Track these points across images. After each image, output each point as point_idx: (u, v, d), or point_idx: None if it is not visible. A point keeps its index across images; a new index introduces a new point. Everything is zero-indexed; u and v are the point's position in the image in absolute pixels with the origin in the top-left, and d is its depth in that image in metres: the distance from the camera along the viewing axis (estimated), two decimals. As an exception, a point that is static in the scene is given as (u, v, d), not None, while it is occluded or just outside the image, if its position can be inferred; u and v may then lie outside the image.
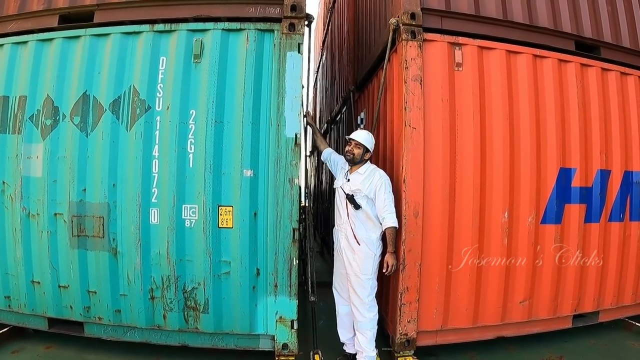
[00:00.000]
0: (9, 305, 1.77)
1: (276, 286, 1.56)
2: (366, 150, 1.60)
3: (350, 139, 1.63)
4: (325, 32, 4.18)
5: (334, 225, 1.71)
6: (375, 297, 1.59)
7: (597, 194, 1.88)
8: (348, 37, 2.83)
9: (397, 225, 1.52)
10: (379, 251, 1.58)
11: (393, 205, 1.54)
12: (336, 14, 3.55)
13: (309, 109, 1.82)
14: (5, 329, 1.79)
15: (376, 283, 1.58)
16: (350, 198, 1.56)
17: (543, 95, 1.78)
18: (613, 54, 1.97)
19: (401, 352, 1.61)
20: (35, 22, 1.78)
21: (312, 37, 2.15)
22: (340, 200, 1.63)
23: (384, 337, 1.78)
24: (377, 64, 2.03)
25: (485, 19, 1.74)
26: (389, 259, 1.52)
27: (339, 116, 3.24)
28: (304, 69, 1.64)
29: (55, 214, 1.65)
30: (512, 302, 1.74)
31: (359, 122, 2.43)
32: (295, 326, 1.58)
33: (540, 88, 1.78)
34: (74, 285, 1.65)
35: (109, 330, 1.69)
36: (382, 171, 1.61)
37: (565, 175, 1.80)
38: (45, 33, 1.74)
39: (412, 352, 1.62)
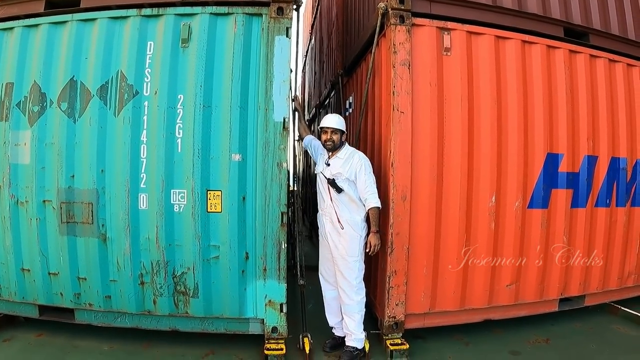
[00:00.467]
0: (-1, 294, 1.77)
1: (265, 270, 1.58)
2: (342, 132, 1.63)
3: (323, 128, 1.63)
4: (314, 15, 4.12)
5: (317, 211, 1.72)
6: (364, 280, 1.60)
7: (584, 179, 1.91)
8: (337, 20, 2.82)
9: (379, 205, 1.54)
10: (364, 232, 1.59)
11: (374, 185, 1.56)
12: None
13: (297, 93, 1.80)
14: (-5, 318, 1.80)
15: (363, 265, 1.60)
16: (332, 182, 1.57)
17: (531, 81, 1.80)
18: (602, 41, 1.98)
19: (389, 335, 1.63)
20: (22, 7, 1.76)
21: (301, 20, 2.14)
22: (322, 185, 1.64)
23: (372, 320, 1.80)
24: (365, 48, 2.02)
25: (475, 4, 1.74)
26: (372, 238, 1.53)
27: (328, 100, 3.23)
28: (293, 53, 1.65)
29: (44, 201, 1.65)
30: (499, 285, 1.76)
31: (347, 106, 2.43)
32: (285, 310, 1.60)
33: (528, 74, 1.79)
34: (64, 272, 1.65)
35: (99, 317, 1.70)
36: (361, 153, 1.63)
37: (552, 160, 1.83)
38: (31, 19, 1.71)
39: (400, 334, 1.65)
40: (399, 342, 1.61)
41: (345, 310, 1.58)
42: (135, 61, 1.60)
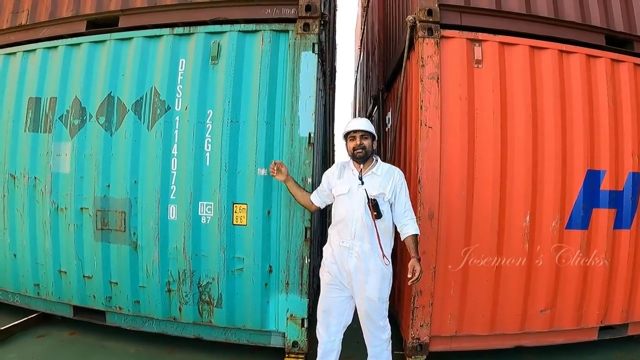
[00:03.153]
0: (38, 293, 1.89)
1: (287, 284, 1.58)
2: (373, 137, 1.36)
3: (352, 131, 1.34)
4: (362, 31, 4.20)
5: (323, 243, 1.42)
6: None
7: (629, 198, 1.76)
8: (379, 35, 2.82)
9: (419, 233, 1.32)
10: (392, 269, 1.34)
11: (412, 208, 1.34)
12: (370, 13, 3.55)
13: (275, 160, 1.43)
14: (34, 315, 1.92)
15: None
16: (375, 204, 1.26)
17: (570, 92, 1.69)
18: (648, 48, 1.84)
19: (413, 357, 1.58)
20: (65, 27, 1.90)
21: (352, 36, 2.11)
22: (351, 208, 1.30)
23: (398, 340, 1.75)
24: (400, 62, 1.95)
25: (507, 13, 1.67)
26: (415, 264, 1.25)
27: (372, 116, 3.17)
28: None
29: (82, 208, 1.75)
30: (532, 310, 1.65)
31: (386, 121, 2.37)
32: (306, 324, 1.59)
33: (566, 85, 1.69)
34: (97, 275, 1.74)
35: (128, 320, 1.77)
36: (397, 168, 1.41)
37: (593, 177, 1.70)
38: (74, 38, 1.85)
39: (424, 357, 1.58)
40: (422, 364, 1.56)
41: (371, 353, 1.36)
42: (168, 78, 1.67)
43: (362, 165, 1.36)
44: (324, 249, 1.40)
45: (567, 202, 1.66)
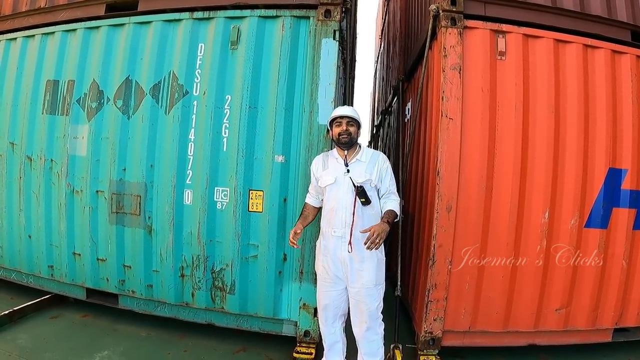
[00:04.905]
0: (52, 274, 1.91)
1: (302, 273, 1.57)
2: (359, 125, 1.34)
3: (336, 118, 1.32)
4: (383, 21, 4.14)
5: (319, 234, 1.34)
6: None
7: (651, 198, 1.72)
8: (400, 25, 2.77)
9: (398, 212, 1.31)
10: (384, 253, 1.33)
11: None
12: (392, 2, 3.49)
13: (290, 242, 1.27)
14: (47, 296, 1.94)
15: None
16: (362, 192, 1.24)
17: (593, 88, 1.65)
18: (676, 45, 1.79)
19: (425, 351, 1.56)
20: (84, 10, 1.89)
21: (373, 26, 2.09)
22: (340, 197, 1.28)
23: (410, 334, 1.74)
24: (422, 52, 1.92)
25: (533, 5, 1.63)
26: (379, 226, 1.17)
27: (391, 107, 3.14)
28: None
29: (97, 191, 1.76)
30: (547, 308, 1.63)
31: (406, 112, 2.32)
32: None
33: (590, 81, 1.65)
34: (111, 258, 1.75)
35: (141, 304, 1.78)
36: (382, 153, 1.39)
37: (614, 176, 1.66)
38: (92, 21, 1.85)
39: (437, 351, 1.57)
40: (434, 359, 1.54)
41: (367, 351, 1.32)
42: (187, 62, 1.66)
43: (346, 152, 1.33)
44: (317, 242, 1.37)
45: (587, 200, 1.62)
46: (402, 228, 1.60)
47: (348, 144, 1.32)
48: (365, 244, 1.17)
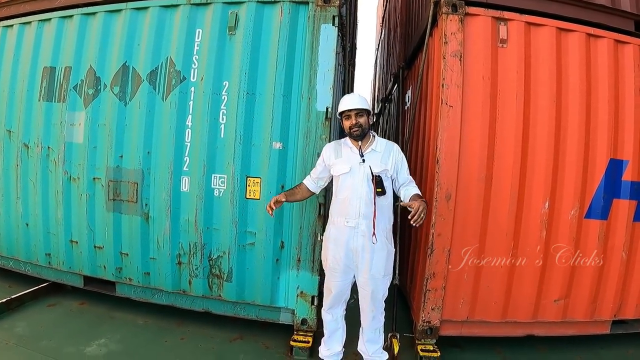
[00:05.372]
0: (49, 262, 1.90)
1: (299, 260, 1.56)
2: (368, 113, 1.33)
3: (344, 112, 1.30)
4: (384, 9, 4.12)
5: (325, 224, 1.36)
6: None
7: (651, 190, 1.70)
8: (401, 12, 2.75)
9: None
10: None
11: None
12: None
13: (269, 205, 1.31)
14: (45, 284, 1.93)
15: None
16: (380, 182, 1.25)
17: (596, 78, 1.62)
18: (679, 36, 1.76)
19: (422, 340, 1.56)
20: (81, -4, 1.87)
21: (374, 14, 2.07)
22: (355, 187, 1.28)
23: (408, 323, 1.73)
24: (422, 39, 1.90)
25: (536, -7, 1.61)
26: (420, 204, 1.15)
27: (391, 95, 3.13)
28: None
29: (94, 179, 1.75)
30: (546, 299, 1.62)
31: (406, 99, 2.31)
32: (316, 302, 1.58)
33: (593, 70, 1.62)
34: (108, 246, 1.74)
35: (138, 292, 1.77)
36: (395, 143, 1.40)
37: (615, 167, 1.64)
38: (89, 7, 1.82)
39: (434, 340, 1.56)
40: (431, 348, 1.53)
41: (370, 337, 1.36)
42: (184, 48, 1.64)
43: (360, 143, 1.33)
44: (325, 232, 1.37)
45: (587, 190, 1.61)
46: (402, 216, 1.58)
47: (361, 135, 1.32)
48: (412, 219, 1.16)
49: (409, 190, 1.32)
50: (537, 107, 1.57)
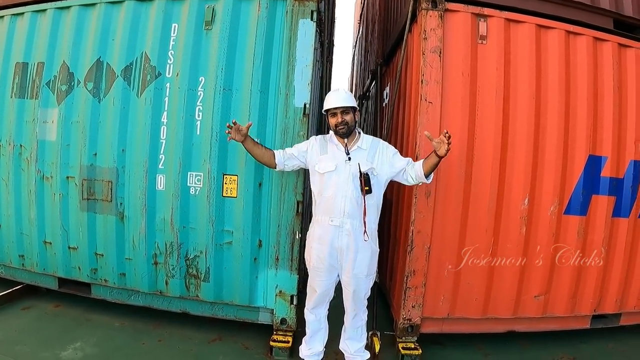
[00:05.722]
0: (23, 264, 1.84)
1: (277, 259, 1.54)
2: (354, 110, 1.31)
3: (330, 110, 1.28)
4: (362, 4, 4.07)
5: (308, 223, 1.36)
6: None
7: (629, 186, 1.72)
8: (379, 8, 2.72)
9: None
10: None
11: None
12: None
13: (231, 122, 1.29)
14: (19, 287, 1.87)
15: None
16: (367, 179, 1.24)
17: (575, 75, 1.63)
18: (656, 34, 1.78)
19: (403, 338, 1.55)
20: (55, -11, 1.82)
21: (352, 11, 2.05)
22: (340, 185, 1.26)
23: (388, 321, 1.73)
24: (401, 36, 1.87)
25: (515, -11, 1.61)
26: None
27: (369, 91, 3.12)
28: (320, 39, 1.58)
29: (68, 177, 1.69)
30: (526, 295, 1.63)
31: (384, 96, 2.31)
32: (295, 302, 1.55)
33: (572, 67, 1.63)
34: (83, 247, 1.69)
35: (114, 293, 1.73)
36: (380, 139, 1.39)
37: (594, 163, 1.66)
38: (63, 1, 1.76)
39: (415, 338, 1.56)
40: (412, 346, 1.53)
41: (351, 336, 1.37)
42: (159, 43, 1.60)
43: (346, 140, 1.32)
44: (309, 231, 1.35)
45: (566, 187, 1.62)
46: (381, 214, 1.57)
47: (347, 133, 1.30)
48: (445, 145, 1.20)
49: (416, 164, 1.31)
50: (517, 104, 1.57)
